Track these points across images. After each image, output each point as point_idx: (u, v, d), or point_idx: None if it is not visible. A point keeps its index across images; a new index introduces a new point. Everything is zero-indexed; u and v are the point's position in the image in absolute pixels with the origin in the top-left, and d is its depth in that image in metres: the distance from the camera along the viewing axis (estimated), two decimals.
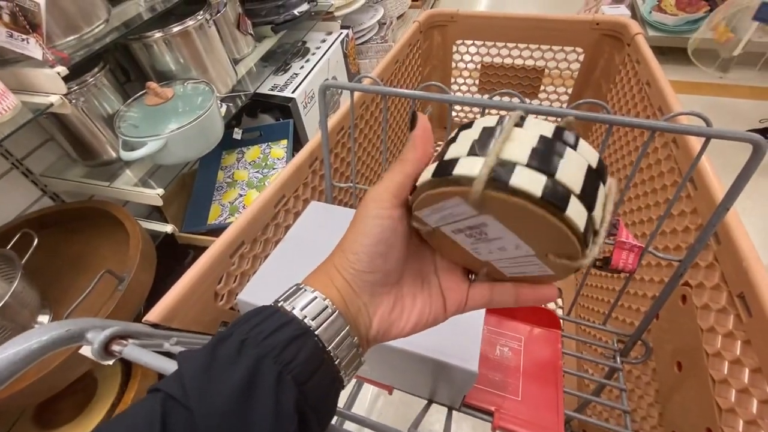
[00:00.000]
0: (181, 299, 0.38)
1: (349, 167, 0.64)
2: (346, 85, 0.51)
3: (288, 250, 0.44)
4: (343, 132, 0.63)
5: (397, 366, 0.39)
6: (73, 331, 0.27)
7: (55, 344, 0.27)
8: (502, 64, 0.92)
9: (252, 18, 1.26)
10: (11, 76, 0.61)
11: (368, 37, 1.95)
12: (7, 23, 0.58)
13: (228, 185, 1.17)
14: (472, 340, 0.35)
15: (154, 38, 0.88)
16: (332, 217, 0.48)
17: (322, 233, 0.45)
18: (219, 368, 0.17)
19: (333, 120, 0.60)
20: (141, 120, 0.83)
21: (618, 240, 0.37)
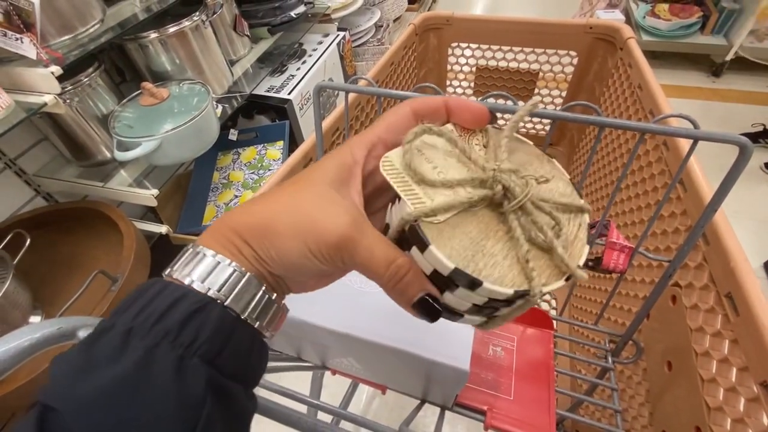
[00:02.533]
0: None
1: None
2: (341, 86, 0.51)
3: None
4: (338, 133, 0.63)
5: (389, 365, 0.39)
6: (64, 329, 0.27)
7: (47, 342, 0.27)
8: (497, 67, 0.93)
9: (248, 19, 1.26)
10: (5, 75, 0.61)
11: (365, 40, 1.96)
12: (1, 22, 0.58)
13: (223, 186, 1.17)
14: (463, 339, 0.36)
15: (150, 38, 0.87)
16: None
17: None
18: (97, 369, 0.14)
19: (328, 121, 0.60)
20: (136, 120, 0.83)
21: (609, 241, 0.38)
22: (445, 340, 0.35)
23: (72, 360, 0.14)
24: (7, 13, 0.57)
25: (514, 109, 0.35)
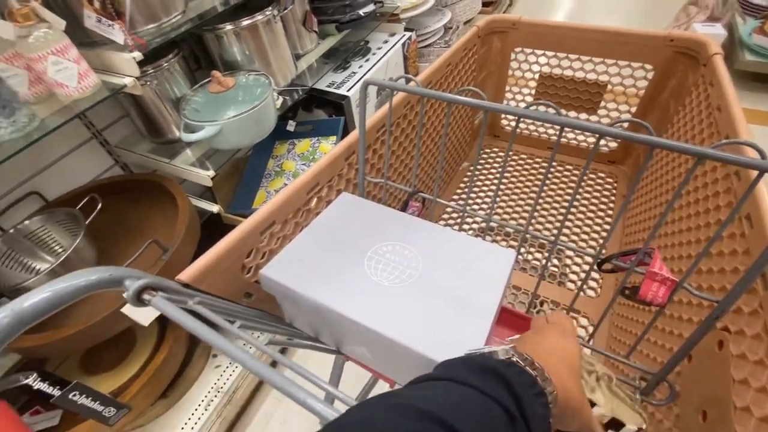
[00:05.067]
0: (212, 264, 0.41)
1: (384, 163, 0.65)
2: (386, 84, 0.52)
3: (314, 235, 0.46)
4: (384, 129, 0.63)
5: (397, 359, 0.39)
6: (114, 277, 0.31)
7: (99, 284, 0.30)
8: (561, 75, 0.87)
9: (318, 15, 1.30)
10: (96, 56, 0.69)
11: (431, 41, 1.94)
12: (97, 9, 0.65)
13: (276, 174, 1.22)
14: (478, 335, 0.35)
15: (225, 30, 0.94)
16: (360, 209, 0.50)
17: (349, 223, 0.47)
18: None
19: (374, 117, 0.61)
20: (203, 105, 0.90)
21: (650, 270, 0.34)
22: (457, 343, 0.35)
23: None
24: (103, 2, 0.65)
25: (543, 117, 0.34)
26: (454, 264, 0.42)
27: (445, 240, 0.45)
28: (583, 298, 0.70)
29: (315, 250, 0.45)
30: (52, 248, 0.78)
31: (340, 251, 0.44)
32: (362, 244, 0.45)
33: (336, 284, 0.41)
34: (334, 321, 0.40)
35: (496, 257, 0.42)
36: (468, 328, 0.36)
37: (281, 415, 1.02)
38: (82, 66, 0.62)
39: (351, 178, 0.60)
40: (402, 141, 0.71)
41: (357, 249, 0.44)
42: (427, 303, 0.39)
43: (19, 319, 0.25)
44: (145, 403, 0.81)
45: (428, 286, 0.40)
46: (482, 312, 0.37)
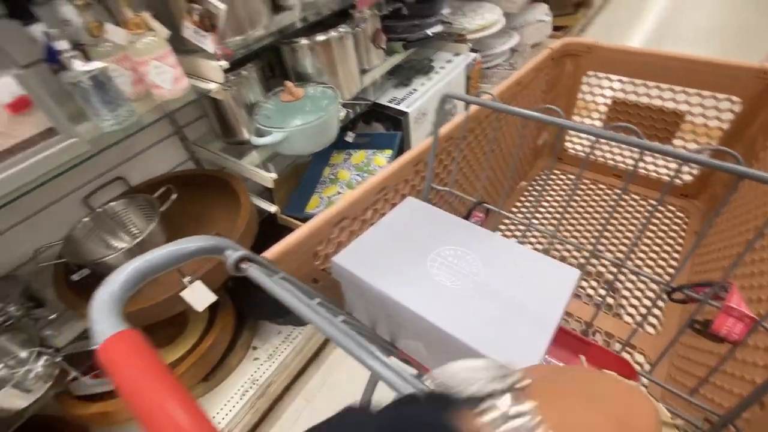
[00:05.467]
0: (293, 247, 0.46)
1: (449, 173, 0.67)
2: (465, 97, 0.54)
3: (381, 232, 0.50)
4: (451, 141, 0.65)
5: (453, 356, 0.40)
6: (218, 245, 0.35)
7: (205, 251, 0.34)
8: (636, 102, 0.83)
9: (387, 33, 1.35)
10: (188, 62, 0.77)
11: (496, 63, 1.93)
12: (195, 21, 0.73)
13: (330, 181, 1.27)
14: (534, 349, 0.35)
15: (300, 44, 1.01)
16: (425, 213, 0.53)
17: (414, 225, 0.51)
18: None
19: (445, 128, 0.63)
20: (274, 112, 0.96)
21: (726, 305, 0.31)
22: (515, 349, 0.35)
23: None
24: (201, 16, 0.72)
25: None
26: (517, 275, 0.43)
27: (508, 251, 0.46)
28: (641, 335, 0.65)
29: (382, 245, 0.48)
30: (130, 230, 0.87)
31: (405, 249, 0.47)
32: (426, 245, 0.47)
33: (401, 278, 0.43)
34: (396, 313, 0.42)
35: (559, 274, 0.42)
36: (528, 338, 0.36)
37: (309, 414, 1.04)
38: (177, 71, 0.70)
39: (416, 185, 0.63)
40: (466, 154, 0.72)
41: (421, 249, 0.47)
42: (488, 307, 0.40)
43: (142, 272, 0.29)
44: (189, 384, 0.87)
45: (490, 292, 0.41)
46: (543, 325, 0.37)
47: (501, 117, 0.76)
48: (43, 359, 0.69)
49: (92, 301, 0.26)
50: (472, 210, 0.59)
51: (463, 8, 1.84)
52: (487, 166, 0.82)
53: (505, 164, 0.87)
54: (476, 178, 0.78)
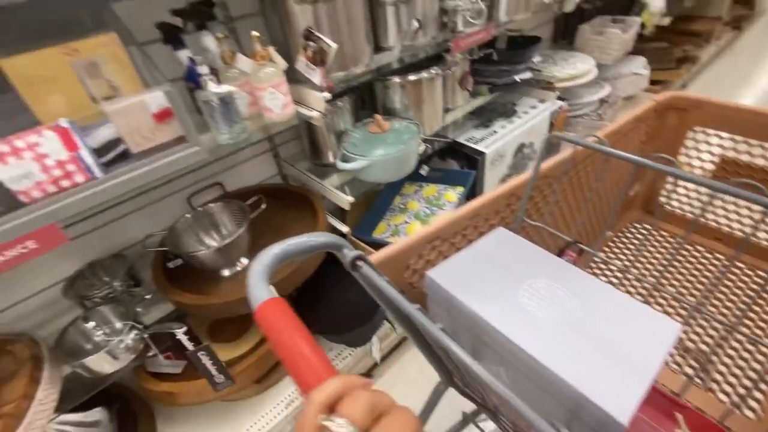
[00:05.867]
0: (394, 255, 0.50)
1: (539, 210, 0.69)
2: (573, 138, 0.56)
3: (473, 256, 0.52)
4: (545, 180, 0.67)
5: (537, 385, 0.39)
6: (337, 242, 0.40)
7: (327, 245, 0.40)
8: (749, 163, 0.77)
9: (475, 76, 1.39)
10: (296, 91, 0.86)
11: (583, 112, 1.87)
12: (308, 56, 0.82)
13: (399, 210, 1.30)
14: (636, 381, 0.33)
15: (393, 82, 1.08)
16: (516, 245, 0.54)
17: (505, 254, 0.52)
18: None
19: (544, 165, 0.65)
20: (360, 141, 1.03)
21: None
22: (609, 389, 0.34)
23: None
24: (314, 52, 0.81)
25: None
26: (614, 318, 0.41)
27: (605, 294, 0.45)
28: (737, 417, 0.57)
29: (474, 268, 0.50)
30: (221, 230, 0.97)
31: (497, 276, 0.48)
32: (518, 274, 0.48)
33: (493, 302, 0.44)
34: (485, 334, 0.42)
35: (659, 324, 0.40)
36: (623, 381, 0.35)
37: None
38: (287, 98, 0.79)
39: (504, 216, 0.65)
40: (558, 194, 0.73)
41: (512, 277, 0.47)
42: (582, 344, 0.39)
43: (281, 256, 0.37)
44: (244, 382, 0.92)
45: (584, 330, 0.40)
46: (640, 371, 0.35)
47: (597, 162, 0.76)
48: (134, 333, 0.79)
49: (248, 275, 0.34)
50: (565, 248, 0.59)
51: (554, 56, 1.84)
52: (580, 209, 0.81)
53: (593, 210, 0.84)
54: (564, 219, 0.78)
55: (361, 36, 0.89)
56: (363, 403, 0.23)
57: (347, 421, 0.22)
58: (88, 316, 0.82)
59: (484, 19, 1.07)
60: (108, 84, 0.68)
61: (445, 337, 0.29)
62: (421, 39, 1.01)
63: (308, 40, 0.81)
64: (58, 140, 0.58)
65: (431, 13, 1.01)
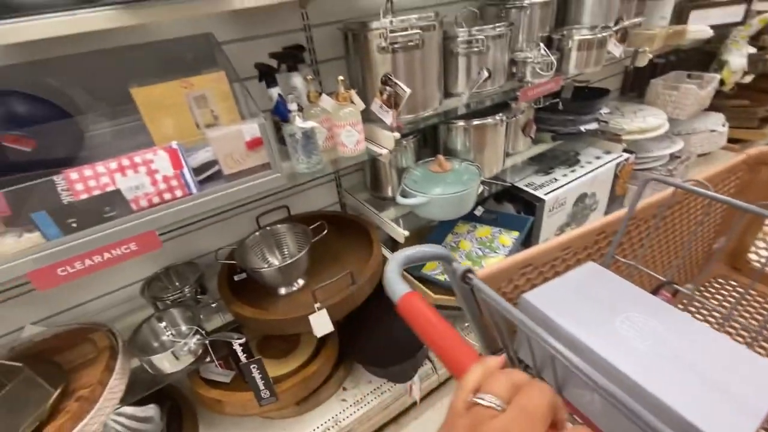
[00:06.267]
0: (494, 274, 0.53)
1: (627, 248, 0.70)
2: (672, 182, 0.60)
3: (567, 285, 0.53)
4: (635, 221, 0.68)
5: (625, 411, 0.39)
6: (449, 256, 0.46)
7: (441, 257, 0.45)
8: None
9: (538, 123, 1.40)
10: (368, 129, 0.93)
11: (651, 166, 1.80)
12: (383, 99, 0.89)
13: (451, 248, 1.31)
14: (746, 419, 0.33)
15: (457, 125, 1.12)
16: (608, 279, 0.55)
17: (599, 286, 0.53)
18: None
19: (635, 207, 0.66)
20: (420, 178, 1.07)
21: None
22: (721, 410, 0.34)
23: None
24: (389, 96, 0.88)
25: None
26: (716, 358, 0.40)
27: (705, 333, 0.44)
28: None
29: (568, 296, 0.51)
30: (283, 250, 1.03)
31: (592, 305, 0.49)
32: (613, 305, 0.48)
33: (590, 328, 0.45)
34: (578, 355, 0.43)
35: (765, 369, 0.39)
36: (731, 417, 0.34)
37: None
38: (361, 136, 0.85)
39: (592, 253, 0.66)
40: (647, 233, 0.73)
41: (608, 308, 0.48)
42: (686, 377, 0.38)
43: (408, 258, 0.43)
44: (287, 401, 0.94)
45: (686, 364, 0.39)
46: (748, 411, 0.34)
47: (691, 207, 0.76)
48: (197, 337, 0.85)
49: (386, 273, 0.40)
50: (660, 287, 0.61)
51: (622, 108, 1.80)
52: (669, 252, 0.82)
53: (684, 254, 0.82)
54: (654, 260, 0.78)
55: (434, 83, 0.95)
56: (503, 381, 0.28)
57: (494, 396, 0.27)
58: (161, 317, 0.90)
59: (552, 71, 1.10)
60: (211, 113, 0.78)
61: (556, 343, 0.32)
62: (488, 87, 1.05)
63: (385, 84, 0.88)
64: (167, 159, 0.67)
65: (501, 63, 1.05)
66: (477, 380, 0.28)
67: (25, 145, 0.65)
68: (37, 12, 0.55)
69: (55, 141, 0.68)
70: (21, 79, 0.72)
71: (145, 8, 0.59)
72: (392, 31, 0.83)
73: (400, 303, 0.37)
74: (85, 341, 0.85)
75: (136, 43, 0.81)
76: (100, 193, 0.63)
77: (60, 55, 0.75)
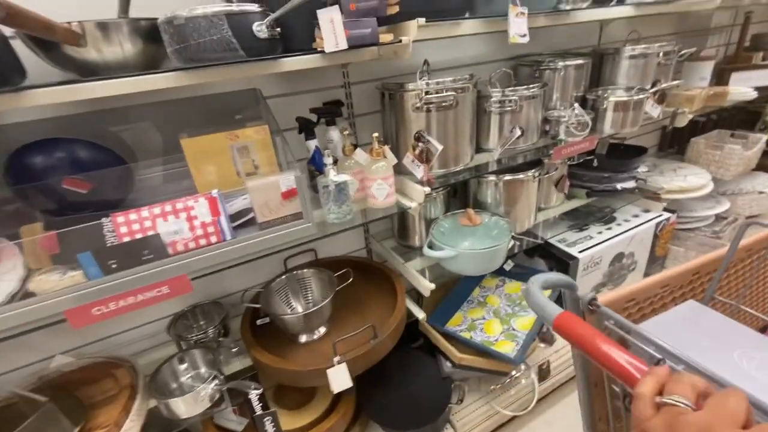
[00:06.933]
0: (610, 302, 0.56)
1: (725, 287, 0.72)
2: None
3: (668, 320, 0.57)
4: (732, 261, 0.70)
5: None
6: (573, 284, 0.50)
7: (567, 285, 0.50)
8: None
9: (572, 179, 1.38)
10: (399, 181, 0.94)
11: (695, 226, 1.71)
12: (415, 155, 0.90)
13: (478, 303, 1.26)
14: None
15: (488, 180, 1.12)
16: (708, 317, 0.57)
17: (699, 323, 0.56)
18: None
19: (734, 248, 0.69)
20: (449, 230, 1.06)
21: None
22: None
23: None
24: (421, 151, 0.90)
25: None
26: None
27: None
28: None
29: (679, 330, 0.54)
30: (307, 296, 1.03)
31: (705, 339, 0.51)
32: (726, 341, 0.50)
33: (710, 359, 0.45)
34: None
35: None
36: None
37: None
38: (391, 189, 0.86)
39: (686, 291, 0.68)
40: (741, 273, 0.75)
41: (722, 344, 0.50)
42: None
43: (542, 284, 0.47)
44: None
45: None
46: None
47: None
48: (215, 383, 0.84)
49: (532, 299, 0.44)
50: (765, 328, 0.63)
51: (660, 165, 1.75)
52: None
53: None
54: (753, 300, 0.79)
55: (466, 140, 0.96)
56: (687, 383, 0.31)
57: (681, 396, 0.30)
58: (182, 357, 0.90)
59: (587, 131, 1.09)
60: (252, 163, 0.82)
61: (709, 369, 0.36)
62: (521, 144, 1.05)
63: (418, 141, 0.90)
64: (207, 206, 0.70)
65: (534, 122, 1.06)
66: (655, 385, 0.32)
67: (81, 187, 0.70)
68: (109, 73, 0.61)
69: (108, 184, 0.73)
70: (85, 126, 0.79)
71: (202, 71, 0.64)
72: (427, 92, 0.86)
73: (556, 323, 0.40)
74: (108, 377, 0.86)
75: (189, 96, 0.88)
76: (142, 236, 0.66)
77: (120, 106, 0.82)
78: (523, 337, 1.09)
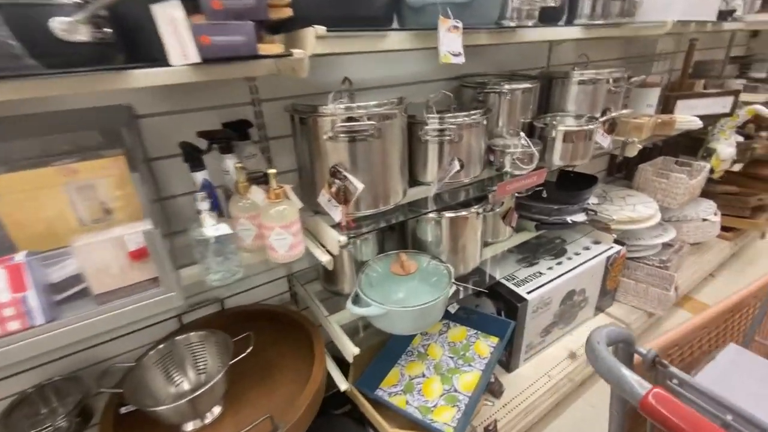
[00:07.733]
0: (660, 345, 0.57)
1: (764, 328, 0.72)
2: None
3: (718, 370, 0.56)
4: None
5: None
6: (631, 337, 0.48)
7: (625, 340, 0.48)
8: None
9: (520, 210, 1.26)
10: (314, 222, 0.77)
11: (643, 255, 1.66)
12: (332, 192, 0.73)
13: (418, 356, 1.10)
14: None
15: (428, 217, 0.96)
16: (745, 362, 0.57)
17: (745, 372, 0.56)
18: None
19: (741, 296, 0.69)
20: (378, 280, 0.89)
21: None
22: None
23: None
24: (339, 189, 0.72)
25: None
26: None
27: None
28: None
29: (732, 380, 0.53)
30: (198, 365, 0.82)
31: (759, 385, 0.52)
32: None
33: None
34: None
35: None
36: None
37: None
38: (296, 239, 0.68)
39: (726, 334, 0.68)
40: None
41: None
42: None
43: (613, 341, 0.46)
44: None
45: None
46: None
47: None
48: None
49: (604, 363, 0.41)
50: None
51: (610, 193, 1.70)
52: None
53: None
54: None
55: (396, 175, 0.80)
56: None
57: None
58: None
59: (534, 164, 0.97)
60: (101, 206, 0.61)
61: None
62: (462, 178, 0.91)
63: (334, 177, 0.73)
64: (5, 278, 0.48)
65: (477, 152, 0.92)
66: None
67: None
68: None
69: None
70: None
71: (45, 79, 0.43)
72: (346, 119, 0.69)
73: (646, 404, 0.36)
74: None
75: (22, 114, 0.65)
76: None
77: None
78: (465, 401, 0.94)
